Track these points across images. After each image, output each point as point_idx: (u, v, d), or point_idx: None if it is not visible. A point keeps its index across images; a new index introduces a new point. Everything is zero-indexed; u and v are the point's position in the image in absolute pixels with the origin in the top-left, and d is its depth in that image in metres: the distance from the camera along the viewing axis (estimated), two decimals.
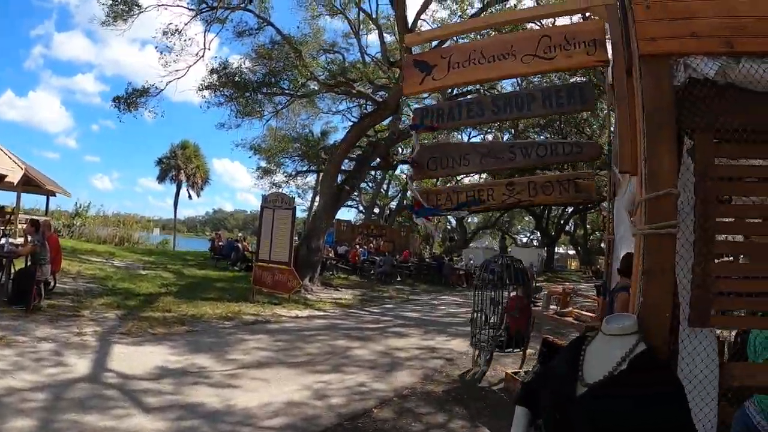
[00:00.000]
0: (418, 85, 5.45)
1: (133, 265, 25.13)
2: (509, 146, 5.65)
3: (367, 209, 58.66)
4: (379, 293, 26.39)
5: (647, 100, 3.76)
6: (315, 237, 24.54)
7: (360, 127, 26.90)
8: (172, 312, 14.69)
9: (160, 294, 17.62)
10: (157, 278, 21.21)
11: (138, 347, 10.64)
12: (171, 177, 58.00)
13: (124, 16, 24.79)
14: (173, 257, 32.58)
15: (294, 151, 45.90)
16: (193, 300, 16.90)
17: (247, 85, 26.38)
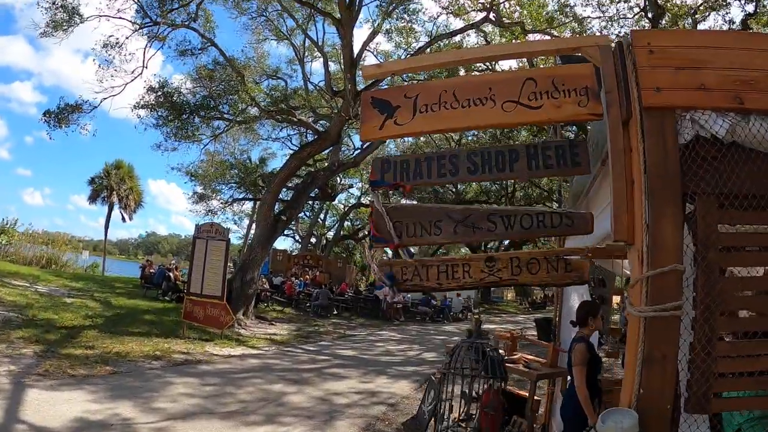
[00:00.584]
0: (378, 130, 4.64)
1: (58, 292, 23.80)
2: (489, 214, 4.69)
3: (304, 239, 57.87)
4: (315, 328, 25.63)
5: (650, 159, 3.51)
6: (250, 268, 23.69)
7: (299, 156, 26.33)
8: (96, 348, 13.71)
9: (85, 327, 16.50)
10: (83, 308, 20.01)
11: (55, 392, 9.71)
12: (103, 197, 56.02)
13: (64, 26, 23.76)
14: (102, 283, 31.16)
15: (231, 177, 45.10)
16: (119, 335, 15.94)
17: (185, 107, 25.52)
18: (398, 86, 5.41)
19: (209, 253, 18.20)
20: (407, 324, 33.26)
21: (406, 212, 4.81)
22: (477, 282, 4.96)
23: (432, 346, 22.70)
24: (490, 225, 4.61)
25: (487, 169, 4.62)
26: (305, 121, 27.66)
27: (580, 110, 4.16)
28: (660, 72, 3.61)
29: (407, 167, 4.77)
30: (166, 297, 27.29)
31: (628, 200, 3.65)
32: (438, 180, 4.77)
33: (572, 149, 4.54)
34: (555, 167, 4.56)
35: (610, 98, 3.86)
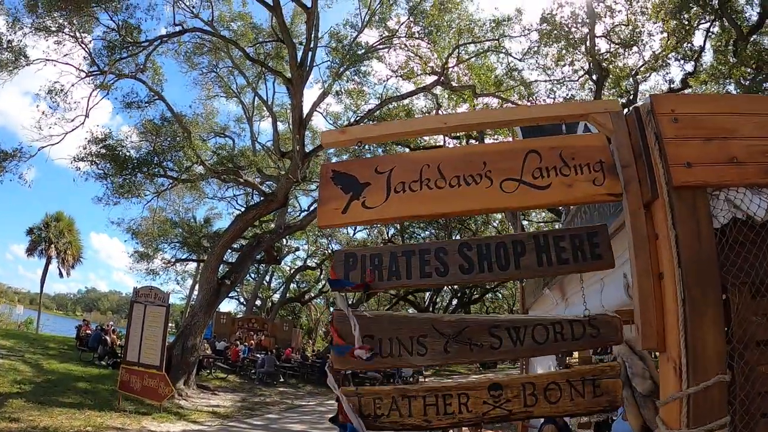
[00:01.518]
0: (341, 214, 3.57)
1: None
2: (491, 326, 3.61)
3: (249, 301, 56.76)
4: (261, 398, 24.66)
5: (684, 249, 2.87)
6: (192, 334, 22.64)
7: (245, 218, 25.70)
8: (22, 422, 12.69)
9: (11, 394, 15.29)
10: (11, 371, 18.67)
11: None
12: (41, 250, 54.15)
13: (9, 66, 22.86)
14: (35, 343, 29.49)
15: (174, 236, 44.04)
16: (49, 405, 14.85)
17: (127, 162, 24.54)
18: (366, 159, 4.08)
19: (148, 319, 17.26)
20: None
21: (380, 323, 3.62)
22: (478, 417, 3.60)
23: None
24: (493, 341, 3.56)
25: (486, 267, 3.63)
26: (251, 182, 27.14)
27: (596, 190, 3.40)
28: (689, 144, 3.04)
29: (379, 264, 3.67)
30: (102, 362, 25.69)
31: (656, 299, 3.00)
32: (421, 281, 3.65)
33: (591, 238, 3.64)
34: (571, 262, 3.61)
35: (628, 175, 3.23)
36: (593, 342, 3.68)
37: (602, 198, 3.47)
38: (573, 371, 3.74)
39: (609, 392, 3.56)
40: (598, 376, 3.57)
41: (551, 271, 3.66)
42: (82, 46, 23.94)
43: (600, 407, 3.59)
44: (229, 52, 28.12)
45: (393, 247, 3.81)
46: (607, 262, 3.58)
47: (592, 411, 3.62)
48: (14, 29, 22.32)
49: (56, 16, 22.12)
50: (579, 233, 3.67)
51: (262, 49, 28.20)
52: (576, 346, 3.73)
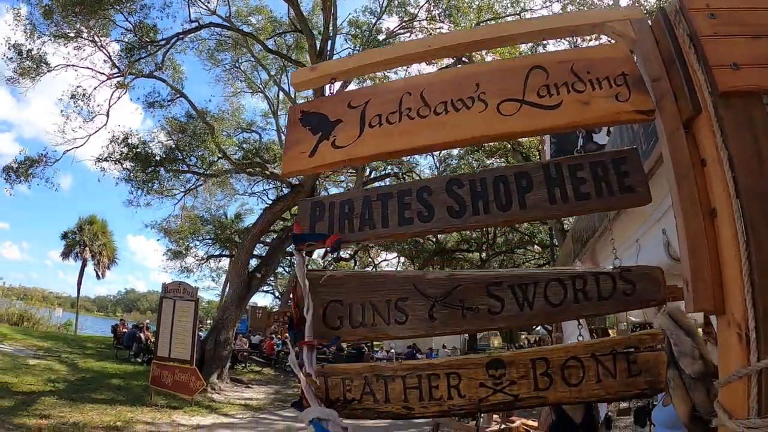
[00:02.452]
0: (308, 157, 3.00)
1: (23, 352, 22.82)
2: (489, 284, 2.71)
3: (284, 295, 56.84)
4: (295, 390, 24.37)
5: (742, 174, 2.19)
6: (224, 328, 22.64)
7: (273, 211, 25.49)
8: (52, 418, 12.73)
9: (44, 392, 15.49)
10: (47, 371, 19.03)
11: None
12: (76, 253, 54.86)
13: (31, 74, 23.11)
14: (72, 343, 29.99)
15: (206, 233, 44.24)
16: (81, 402, 14.98)
17: (149, 159, 24.61)
18: (339, 94, 3.36)
19: (177, 314, 17.26)
20: None
21: (349, 285, 2.89)
22: (472, 404, 2.69)
23: None
24: (493, 303, 2.70)
25: (482, 208, 2.79)
26: (278, 174, 26.82)
27: (620, 107, 2.67)
28: (734, 42, 2.43)
29: (350, 212, 2.98)
30: (138, 359, 26.14)
31: (709, 245, 2.32)
32: (400, 230, 2.87)
33: (618, 166, 2.75)
34: (593, 197, 2.73)
35: (660, 89, 2.60)
36: (627, 302, 2.69)
37: (628, 116, 2.77)
38: (600, 342, 2.73)
39: (649, 370, 2.64)
40: (635, 348, 2.64)
41: (567, 209, 2.81)
42: (101, 50, 24.08)
43: (637, 390, 2.63)
44: (249, 46, 28.25)
45: (367, 191, 3.12)
46: (641, 196, 2.71)
47: (626, 395, 2.66)
48: (33, 38, 22.58)
49: (73, 21, 22.22)
50: (602, 159, 2.81)
51: (282, 41, 28.16)
52: (603, 308, 2.73)
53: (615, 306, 2.68)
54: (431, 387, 2.69)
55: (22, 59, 22.75)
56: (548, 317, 2.79)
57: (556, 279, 2.67)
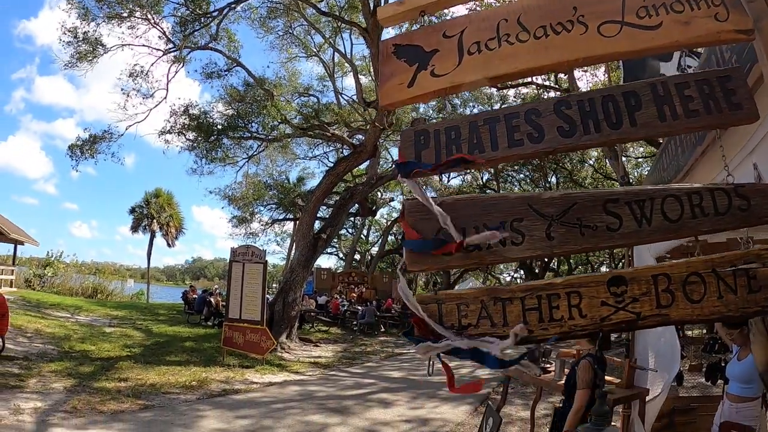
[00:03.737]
0: (407, 88, 2.93)
1: (99, 321, 23.62)
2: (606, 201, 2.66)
3: (348, 256, 57.36)
4: (362, 348, 25.00)
5: None
6: (291, 290, 23.05)
7: (335, 172, 25.56)
8: (130, 381, 13.18)
9: (121, 357, 16.04)
10: (122, 337, 19.72)
11: (79, 431, 9.04)
12: (144, 226, 56.40)
13: (89, 57, 23.66)
14: (145, 311, 30.90)
15: (270, 198, 44.72)
16: (156, 365, 15.47)
17: (212, 128, 25.07)
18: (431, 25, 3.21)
19: (246, 277, 17.68)
20: None
21: (462, 209, 2.81)
22: (594, 324, 2.60)
23: None
24: (611, 220, 2.66)
25: (592, 127, 2.76)
26: (339, 136, 26.86)
27: (720, 26, 2.65)
28: None
29: (456, 138, 2.90)
30: (208, 323, 26.88)
31: None
32: (511, 152, 2.82)
33: (723, 84, 2.72)
34: (702, 114, 2.69)
35: (756, 9, 2.59)
36: (743, 218, 2.63)
37: (729, 36, 2.72)
38: (721, 256, 2.63)
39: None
40: (754, 262, 2.55)
41: (678, 126, 2.75)
42: (155, 26, 24.49)
43: (757, 307, 2.53)
44: (301, 10, 27.94)
45: (472, 117, 3.01)
46: (749, 112, 2.68)
47: (747, 312, 2.53)
48: (87, 21, 23.07)
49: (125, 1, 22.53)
50: (708, 77, 2.76)
51: (335, 3, 27.85)
52: (721, 224, 2.62)
53: (732, 222, 2.60)
54: (551, 307, 2.61)
55: (78, 43, 23.27)
56: (666, 233, 2.65)
57: (672, 195, 2.63)
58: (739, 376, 5.95)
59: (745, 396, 5.91)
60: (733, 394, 6.02)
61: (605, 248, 2.70)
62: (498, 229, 2.54)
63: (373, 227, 61.54)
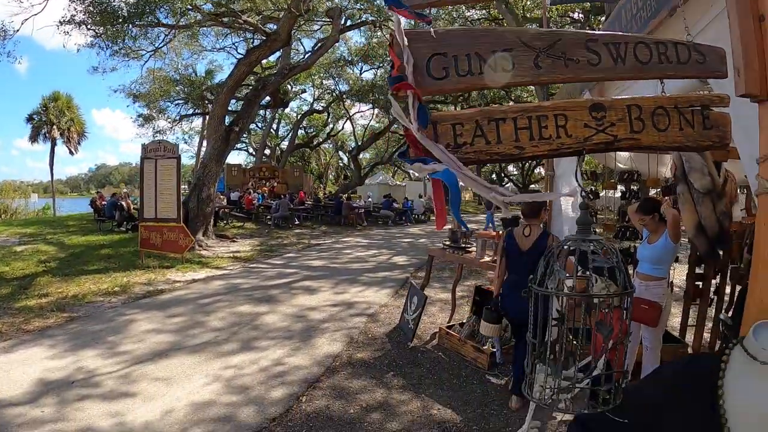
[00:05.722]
0: None
1: (8, 241, 22.69)
2: (587, 39, 2.86)
3: (258, 151, 56.70)
4: (278, 240, 25.07)
5: None
6: (206, 186, 22.63)
7: (247, 62, 24.67)
8: (51, 295, 12.89)
9: (38, 274, 15.58)
10: (35, 254, 19.05)
11: (9, 355, 8.69)
12: (44, 134, 54.22)
13: None
14: (54, 225, 29.91)
15: (177, 94, 43.54)
16: (75, 276, 15.14)
17: (117, 15, 23.05)
18: None
19: (160, 174, 17.21)
20: (370, 229, 32.91)
21: (453, 39, 2.87)
22: (579, 143, 2.88)
23: (401, 250, 22.27)
24: (591, 56, 2.90)
25: None
26: (252, 23, 25.84)
27: None
28: None
29: None
30: (122, 228, 26.32)
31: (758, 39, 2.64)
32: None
33: None
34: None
35: None
36: (699, 68, 3.02)
37: None
38: (681, 97, 3.04)
39: (718, 126, 2.97)
40: (707, 105, 2.97)
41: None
42: None
43: (709, 142, 2.96)
44: None
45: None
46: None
47: (702, 145, 2.99)
48: None
49: None
50: None
51: None
52: (682, 71, 3.02)
53: (690, 70, 2.97)
54: (540, 127, 2.82)
55: None
56: (638, 73, 2.96)
57: (642, 42, 2.93)
58: (649, 257, 6.55)
59: (654, 276, 6.55)
60: (643, 273, 6.63)
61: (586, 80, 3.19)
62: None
63: (284, 121, 60.93)
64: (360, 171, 48.31)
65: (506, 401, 6.51)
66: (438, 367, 7.95)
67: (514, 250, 6.61)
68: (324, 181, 70.46)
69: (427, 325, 9.86)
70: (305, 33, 36.00)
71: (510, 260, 6.71)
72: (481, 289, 9.38)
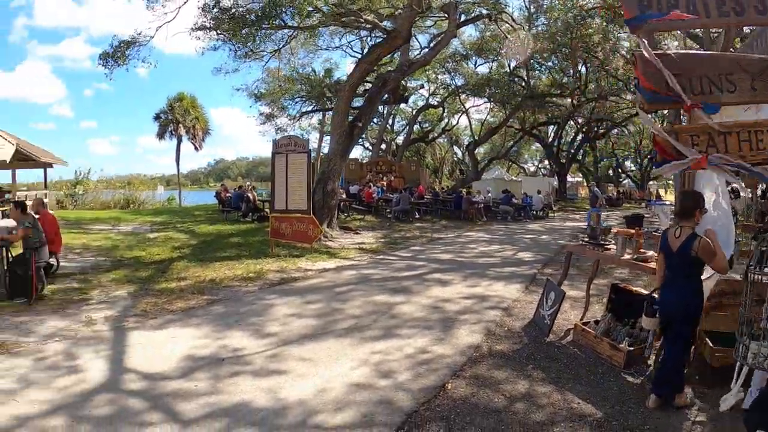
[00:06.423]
0: None
1: (140, 229, 24.15)
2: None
3: (375, 145, 57.25)
4: (401, 234, 25.18)
5: None
6: (330, 179, 23.16)
7: (369, 60, 25.17)
8: (189, 279, 13.54)
9: (173, 259, 16.43)
10: (168, 241, 20.11)
11: (157, 332, 9.17)
12: (170, 131, 57.41)
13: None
14: (181, 214, 31.41)
15: (296, 92, 44.36)
16: (209, 262, 15.82)
17: (245, 19, 24.08)
18: None
19: (291, 167, 17.63)
20: (490, 224, 32.37)
21: (688, 62, 3.45)
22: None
23: (524, 246, 21.82)
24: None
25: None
26: (372, 21, 26.09)
27: None
28: None
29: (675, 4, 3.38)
30: (246, 218, 27.36)
31: None
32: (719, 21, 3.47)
33: None
34: None
35: None
36: None
37: None
38: None
39: None
40: None
41: None
42: None
43: None
44: None
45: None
46: None
47: None
48: None
49: None
50: None
51: None
52: None
53: None
54: (758, 140, 3.48)
55: None
56: None
57: None
58: None
59: None
60: None
61: None
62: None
63: (399, 116, 61.27)
64: (477, 165, 48.07)
65: (643, 399, 6.36)
66: (575, 362, 7.85)
67: (667, 250, 6.41)
68: (440, 175, 70.42)
69: (560, 321, 9.72)
70: (419, 29, 36.08)
71: (665, 258, 6.50)
72: (617, 287, 9.22)
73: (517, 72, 42.55)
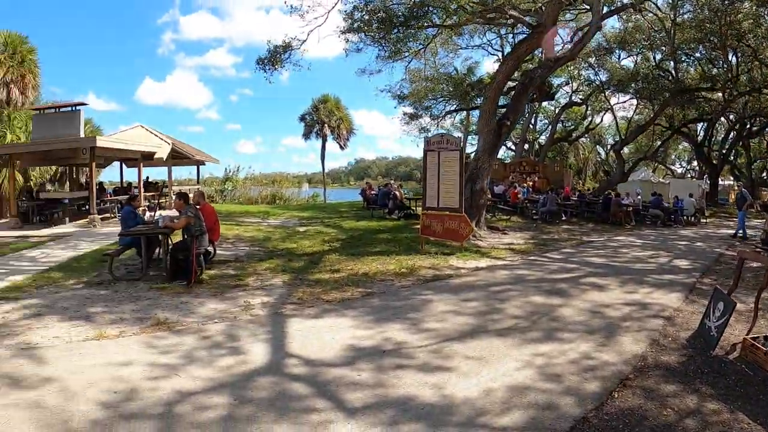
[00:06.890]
0: None
1: (288, 223, 24.90)
2: None
3: (518, 145, 56.65)
4: (549, 235, 24.56)
5: None
6: (479, 178, 22.84)
7: (515, 56, 24.71)
8: (342, 271, 13.78)
9: (325, 252, 16.82)
10: (318, 234, 20.65)
11: (316, 320, 9.32)
12: (316, 132, 59.47)
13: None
14: (327, 210, 32.16)
15: (439, 92, 44.32)
16: (359, 256, 16.04)
17: (395, 20, 24.14)
18: None
19: (443, 165, 17.61)
20: (640, 228, 30.86)
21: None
22: None
23: (679, 253, 20.57)
24: None
25: None
26: (516, 16, 25.55)
27: None
28: None
29: None
30: (393, 215, 27.54)
31: None
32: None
33: None
34: None
35: None
36: None
37: None
38: None
39: None
40: None
41: None
42: None
43: None
44: None
45: None
46: None
47: None
48: None
49: None
50: None
51: None
52: None
53: None
54: None
55: None
56: None
57: None
58: None
59: None
60: None
61: None
62: None
63: (541, 115, 60.40)
64: (623, 166, 46.60)
65: None
66: (743, 380, 7.30)
67: None
68: (583, 176, 69.02)
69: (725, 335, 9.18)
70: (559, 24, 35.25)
71: None
72: None
73: (663, 65, 40.77)
